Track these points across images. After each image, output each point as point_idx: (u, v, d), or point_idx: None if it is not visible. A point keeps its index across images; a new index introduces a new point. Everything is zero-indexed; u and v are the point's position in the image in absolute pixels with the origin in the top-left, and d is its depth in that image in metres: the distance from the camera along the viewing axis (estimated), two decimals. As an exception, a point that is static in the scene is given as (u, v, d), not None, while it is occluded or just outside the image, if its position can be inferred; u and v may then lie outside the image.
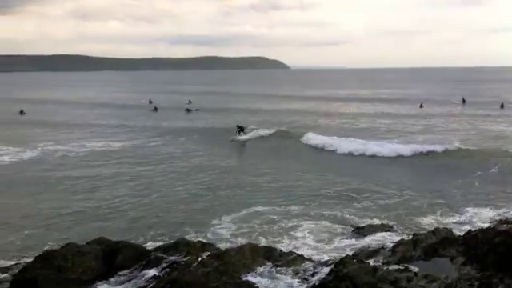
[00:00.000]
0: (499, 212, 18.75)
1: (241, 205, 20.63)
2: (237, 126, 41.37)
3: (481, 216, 18.40)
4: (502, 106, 59.93)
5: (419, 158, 29.67)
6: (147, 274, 12.01)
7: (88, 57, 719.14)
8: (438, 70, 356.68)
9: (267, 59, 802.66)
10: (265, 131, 41.03)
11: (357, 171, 27.64)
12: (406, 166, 28.49)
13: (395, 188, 23.10)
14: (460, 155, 29.08)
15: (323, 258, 13.54)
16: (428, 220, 18.12)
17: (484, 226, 13.64)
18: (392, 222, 17.69)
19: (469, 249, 11.63)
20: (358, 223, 17.73)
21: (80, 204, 21.35)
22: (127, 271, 12.50)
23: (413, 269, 10.87)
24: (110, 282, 12.12)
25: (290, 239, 16.40)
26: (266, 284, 11.54)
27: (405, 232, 16.29)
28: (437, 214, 18.89)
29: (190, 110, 63.36)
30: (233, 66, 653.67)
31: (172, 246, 13.66)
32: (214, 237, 16.67)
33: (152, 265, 12.36)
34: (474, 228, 13.66)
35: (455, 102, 68.37)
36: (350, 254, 13.26)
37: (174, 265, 11.95)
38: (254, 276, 11.87)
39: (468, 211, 19.04)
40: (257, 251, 12.96)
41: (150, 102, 74.82)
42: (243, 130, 41.12)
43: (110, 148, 36.47)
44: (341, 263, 11.18)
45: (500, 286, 9.41)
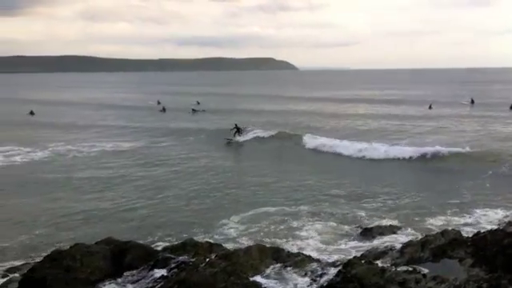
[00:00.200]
0: (508, 213, 18.62)
1: (248, 205, 20.66)
2: (235, 125, 41.35)
3: (490, 217, 18.30)
4: None
5: (428, 159, 29.51)
6: (155, 274, 12.05)
7: (96, 58, 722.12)
8: (445, 71, 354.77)
9: (275, 60, 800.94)
10: (269, 132, 40.71)
11: (364, 173, 27.59)
12: (415, 167, 28.38)
13: (403, 189, 23.02)
14: (469, 157, 28.89)
15: (331, 259, 13.54)
16: (436, 221, 18.04)
17: (493, 228, 13.59)
18: (400, 223, 17.64)
19: (478, 250, 11.59)
20: (366, 224, 17.69)
21: (89, 204, 21.48)
22: (135, 271, 12.55)
23: (421, 270, 10.85)
24: (119, 281, 12.17)
25: (297, 240, 16.39)
26: (273, 285, 11.55)
27: (413, 233, 16.24)
28: (445, 215, 18.80)
29: (196, 111, 63.41)
30: (240, 67, 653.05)
31: (180, 246, 13.72)
32: (221, 237, 16.69)
33: (160, 265, 12.39)
34: (482, 229, 13.58)
35: (464, 103, 67.98)
36: (358, 255, 13.25)
37: (182, 265, 11.97)
38: (261, 277, 11.90)
39: (477, 213, 18.94)
40: (264, 252, 12.98)
41: (159, 102, 74.98)
42: (239, 131, 41.08)
43: (120, 148, 36.65)
44: (349, 264, 11.18)
45: (509, 288, 9.37)
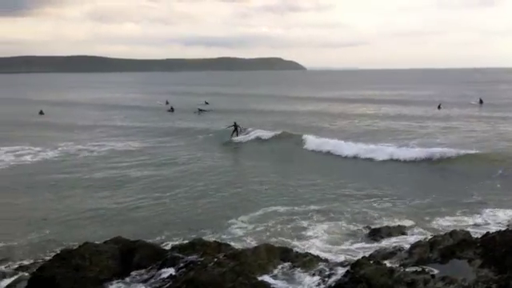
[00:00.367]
0: (517, 214, 18.53)
1: (256, 205, 20.67)
2: (234, 123, 41.35)
3: (499, 218, 18.19)
4: None
5: (437, 160, 29.24)
6: (164, 273, 12.09)
7: (104, 58, 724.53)
8: (452, 71, 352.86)
9: (283, 60, 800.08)
10: (275, 133, 40.36)
11: (372, 174, 27.48)
12: (423, 168, 28.21)
13: (412, 190, 22.93)
14: (478, 157, 28.67)
15: (339, 259, 13.53)
16: (445, 222, 17.97)
17: (502, 229, 13.51)
18: (409, 224, 17.57)
19: (487, 251, 11.53)
20: (375, 224, 17.65)
21: (98, 203, 21.59)
22: (144, 270, 12.60)
23: (430, 271, 10.81)
24: (127, 281, 12.22)
25: (305, 240, 16.38)
26: (281, 285, 11.56)
27: (422, 234, 16.18)
28: (454, 215, 18.71)
29: (203, 111, 63.48)
30: (249, 67, 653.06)
31: (188, 245, 13.75)
32: (230, 237, 16.71)
33: (168, 264, 12.43)
34: (491, 230, 13.50)
35: (472, 103, 67.66)
36: (366, 255, 13.22)
37: (191, 264, 11.99)
38: (269, 277, 11.91)
39: (486, 213, 18.83)
40: (273, 252, 12.98)
41: (167, 102, 75.26)
42: (237, 129, 41.11)
43: (129, 148, 36.82)
44: (357, 264, 11.16)
45: (518, 289, 9.33)
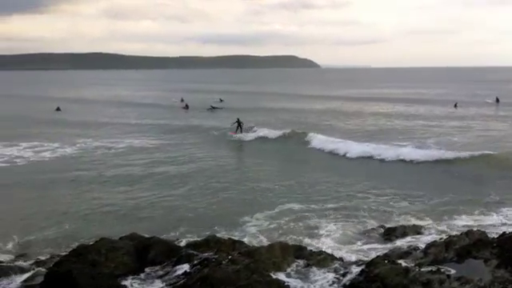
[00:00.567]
0: (535, 215, 18.32)
1: (270, 202, 20.66)
2: (237, 119, 41.35)
3: (516, 218, 18.01)
4: None
5: (453, 160, 28.82)
6: (178, 270, 12.18)
7: (120, 55, 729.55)
8: (467, 70, 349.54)
9: (297, 58, 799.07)
10: (286, 131, 40.04)
11: (387, 174, 27.20)
12: (440, 168, 27.85)
13: (427, 190, 22.70)
14: (495, 157, 28.30)
15: (354, 258, 13.50)
16: (461, 222, 17.80)
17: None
18: (424, 224, 17.46)
19: (503, 251, 11.44)
20: (390, 224, 17.56)
21: (115, 199, 21.75)
22: (159, 267, 12.70)
23: (446, 270, 10.75)
24: (142, 277, 12.32)
25: (319, 238, 16.31)
26: (295, 283, 11.57)
27: (437, 233, 16.06)
28: (470, 215, 18.53)
29: (215, 108, 63.63)
30: (263, 65, 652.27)
31: (203, 242, 13.84)
32: (244, 234, 16.73)
33: (183, 261, 12.51)
34: (508, 230, 13.37)
35: (489, 101, 67.04)
36: (381, 254, 13.17)
37: (205, 261, 12.06)
38: (284, 274, 11.92)
39: (503, 213, 18.64)
40: (287, 250, 13.00)
41: (182, 100, 75.60)
42: (240, 126, 41.08)
43: (145, 145, 36.99)
44: (372, 264, 11.15)
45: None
